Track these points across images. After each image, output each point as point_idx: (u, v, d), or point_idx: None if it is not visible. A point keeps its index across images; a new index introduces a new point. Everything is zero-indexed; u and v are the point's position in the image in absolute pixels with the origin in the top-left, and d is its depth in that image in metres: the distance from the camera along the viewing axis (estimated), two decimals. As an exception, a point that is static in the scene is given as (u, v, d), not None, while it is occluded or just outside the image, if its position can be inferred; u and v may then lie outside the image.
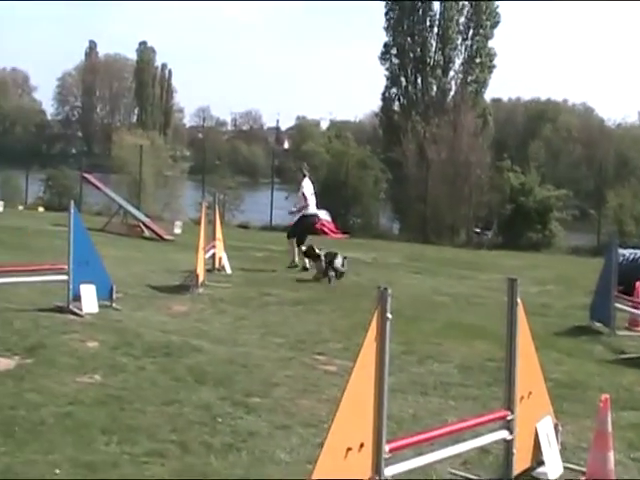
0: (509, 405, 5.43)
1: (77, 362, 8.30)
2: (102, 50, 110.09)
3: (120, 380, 7.80)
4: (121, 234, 21.84)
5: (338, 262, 14.86)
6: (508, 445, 5.49)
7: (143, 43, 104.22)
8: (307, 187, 17.09)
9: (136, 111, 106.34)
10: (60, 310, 10.63)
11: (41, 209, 31.85)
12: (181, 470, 5.74)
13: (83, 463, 5.78)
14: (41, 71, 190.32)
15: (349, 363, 8.45)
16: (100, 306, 10.85)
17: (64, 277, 10.85)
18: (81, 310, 10.55)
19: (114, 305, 11.08)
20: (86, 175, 28.42)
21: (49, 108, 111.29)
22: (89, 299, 10.72)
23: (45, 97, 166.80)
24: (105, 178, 33.29)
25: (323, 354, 9.16)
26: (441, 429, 5.32)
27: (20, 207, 31.83)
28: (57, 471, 5.64)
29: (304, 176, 17.37)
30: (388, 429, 4.49)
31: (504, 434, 5.46)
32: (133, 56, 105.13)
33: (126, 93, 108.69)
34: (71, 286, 10.76)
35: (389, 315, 4.27)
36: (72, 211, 10.94)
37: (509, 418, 5.43)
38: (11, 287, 11.43)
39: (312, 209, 17.13)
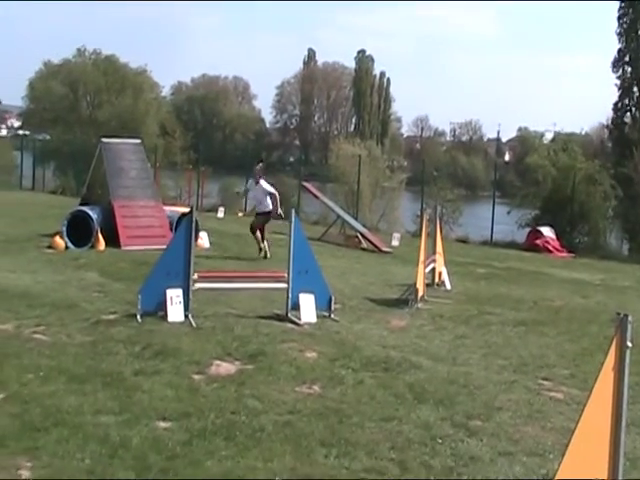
0: None
1: (296, 371, 8.53)
2: (321, 58, 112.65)
3: (338, 392, 7.94)
4: (339, 244, 22.23)
5: None
6: None
7: (361, 51, 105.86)
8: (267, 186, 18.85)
9: (353, 120, 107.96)
10: (279, 318, 10.97)
11: (260, 216, 32.93)
12: (401, 490, 5.78)
13: (302, 474, 5.92)
14: (261, 79, 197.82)
15: (577, 391, 8.25)
16: (318, 316, 11.10)
17: (284, 285, 11.18)
18: (300, 319, 10.82)
19: (332, 316, 11.30)
20: (305, 184, 29.12)
21: (268, 116, 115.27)
22: (308, 309, 10.97)
23: (264, 105, 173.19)
24: (322, 187, 33.91)
25: (548, 379, 8.92)
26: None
27: (240, 214, 32.93)
28: (276, 479, 5.81)
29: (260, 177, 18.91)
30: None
31: None
32: (351, 64, 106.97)
33: (344, 102, 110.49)
34: (290, 295, 11.07)
35: (629, 344, 4.09)
36: (293, 219, 11.26)
37: None
38: (233, 293, 11.94)
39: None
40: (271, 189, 18.62)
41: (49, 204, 29.43)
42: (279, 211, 18.76)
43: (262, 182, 18.53)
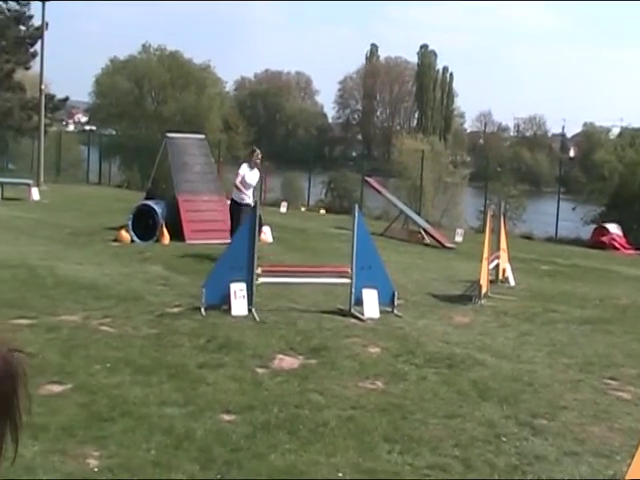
0: None
1: (359, 367, 8.52)
2: (383, 54, 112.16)
3: (401, 388, 7.91)
4: (401, 239, 22.11)
5: None
6: None
7: (424, 46, 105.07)
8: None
9: (416, 115, 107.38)
10: (342, 313, 10.96)
11: (322, 211, 32.97)
12: (464, 488, 5.74)
13: (365, 469, 5.92)
14: (323, 75, 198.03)
15: (645, 392, 8.10)
16: (381, 311, 11.06)
17: (347, 280, 11.17)
18: (363, 314, 10.80)
19: (395, 311, 11.25)
20: (368, 179, 29.04)
21: (330, 111, 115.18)
22: (371, 304, 10.94)
23: (327, 100, 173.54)
24: (384, 182, 33.80)
25: (615, 379, 8.77)
26: None
27: (302, 208, 33.09)
28: (340, 474, 5.81)
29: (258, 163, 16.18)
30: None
31: None
32: (414, 59, 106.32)
33: (406, 97, 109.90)
34: (353, 290, 11.05)
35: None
36: (356, 215, 11.23)
37: None
38: (296, 287, 11.96)
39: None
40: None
41: (115, 198, 29.83)
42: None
43: (256, 170, 15.98)
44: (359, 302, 11.01)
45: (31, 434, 6.05)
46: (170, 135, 20.55)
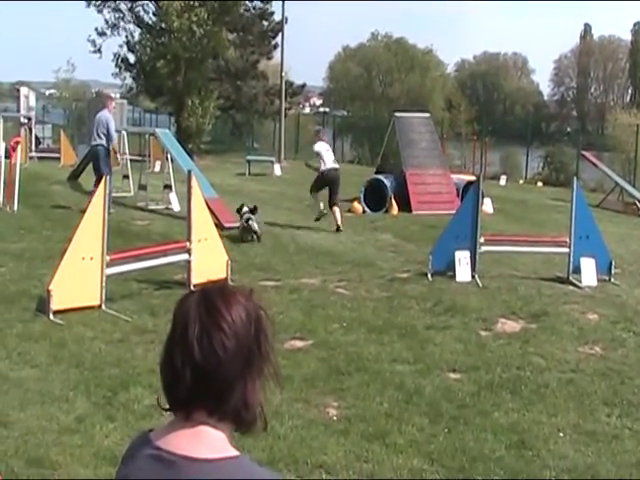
0: None
1: (578, 332, 8.19)
2: (597, 33, 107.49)
3: (620, 354, 7.55)
4: (617, 211, 21.08)
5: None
6: None
7: (638, 23, 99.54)
8: (320, 146, 15.20)
9: (630, 91, 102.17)
10: (560, 280, 10.54)
11: (539, 184, 31.93)
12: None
13: (585, 431, 5.71)
14: (539, 55, 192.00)
15: None
16: (598, 280, 10.54)
17: (565, 249, 10.73)
18: (580, 282, 10.35)
19: (612, 280, 10.70)
20: (584, 153, 27.90)
21: (545, 89, 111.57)
22: (589, 272, 10.46)
23: (542, 79, 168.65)
24: (598, 156, 32.31)
25: None
26: None
27: (520, 181, 32.19)
28: (561, 434, 5.62)
29: (319, 140, 15.48)
30: None
31: None
32: (627, 37, 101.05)
33: (620, 73, 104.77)
34: (572, 258, 10.61)
35: None
36: (575, 187, 10.79)
37: None
38: (516, 255, 11.60)
39: (329, 164, 15.06)
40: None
41: (347, 173, 29.95)
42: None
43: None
44: (577, 270, 10.54)
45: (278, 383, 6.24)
46: (398, 114, 20.58)
